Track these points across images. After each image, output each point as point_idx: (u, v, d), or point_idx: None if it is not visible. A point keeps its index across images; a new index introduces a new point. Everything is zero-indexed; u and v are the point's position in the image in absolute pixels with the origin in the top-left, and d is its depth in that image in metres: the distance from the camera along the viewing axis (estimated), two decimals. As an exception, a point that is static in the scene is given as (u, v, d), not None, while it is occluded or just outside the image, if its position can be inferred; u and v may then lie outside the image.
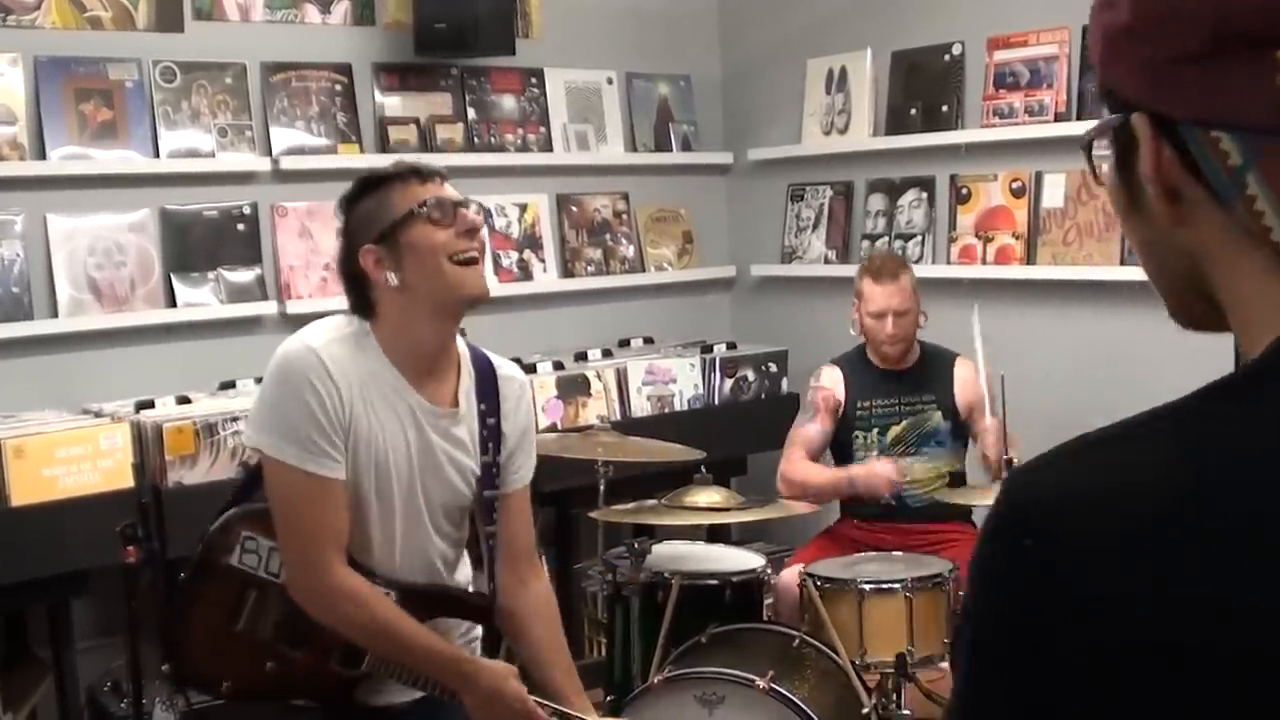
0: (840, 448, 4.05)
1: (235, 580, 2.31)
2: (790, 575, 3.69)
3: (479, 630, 2.47)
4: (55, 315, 3.97)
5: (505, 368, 2.44)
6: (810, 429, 4.02)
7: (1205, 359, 1.22)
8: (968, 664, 0.85)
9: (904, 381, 3.99)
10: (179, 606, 2.35)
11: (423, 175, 2.30)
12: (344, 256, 2.33)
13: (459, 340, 2.39)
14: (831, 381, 4.05)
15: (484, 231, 2.31)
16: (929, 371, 4.00)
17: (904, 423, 3.96)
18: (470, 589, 2.50)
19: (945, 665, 3.76)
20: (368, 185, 2.32)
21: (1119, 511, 0.77)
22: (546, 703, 2.32)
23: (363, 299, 2.30)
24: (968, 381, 3.97)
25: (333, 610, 2.24)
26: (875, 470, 3.84)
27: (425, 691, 2.31)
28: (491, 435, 2.36)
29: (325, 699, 2.34)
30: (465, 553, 2.47)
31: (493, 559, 2.42)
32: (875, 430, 3.99)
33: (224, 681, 2.33)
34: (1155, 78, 0.79)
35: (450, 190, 2.31)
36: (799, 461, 3.97)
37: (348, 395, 2.21)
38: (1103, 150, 0.86)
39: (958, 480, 4.00)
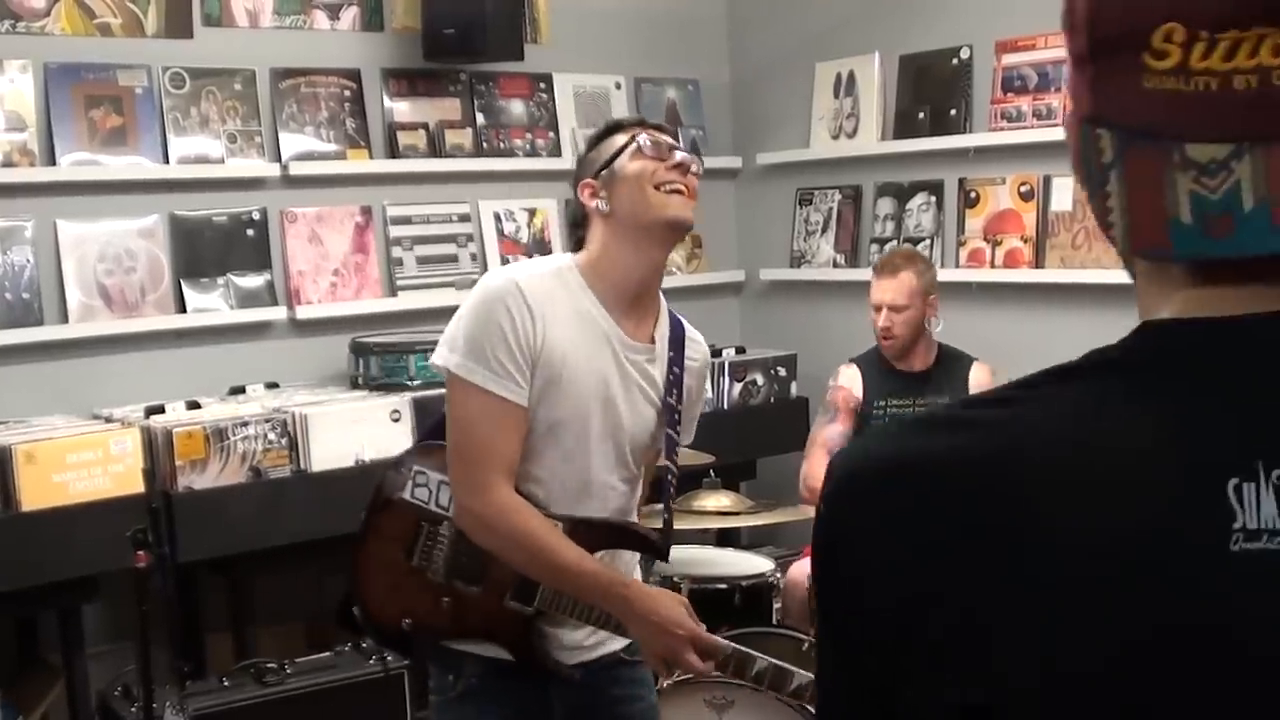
0: None
1: (408, 515, 2.34)
2: (800, 570, 3.68)
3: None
4: (65, 321, 3.99)
5: (694, 333, 2.47)
6: (832, 430, 4.00)
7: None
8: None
9: (920, 383, 3.97)
10: (357, 547, 2.38)
11: (647, 125, 2.38)
12: (573, 204, 2.38)
13: (662, 299, 2.42)
14: (850, 380, 4.03)
15: (696, 181, 2.32)
16: (945, 374, 3.97)
17: None
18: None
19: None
20: (600, 136, 2.39)
21: (891, 489, 0.80)
22: (718, 639, 2.32)
23: (579, 238, 2.36)
24: (983, 386, 3.95)
25: (492, 529, 2.23)
26: None
27: (594, 624, 2.30)
28: (676, 383, 2.39)
29: (505, 639, 2.31)
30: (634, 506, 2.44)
31: (669, 494, 2.41)
32: None
33: (403, 618, 2.35)
34: (1070, 78, 0.85)
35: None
36: (821, 465, 3.95)
37: (541, 326, 2.21)
38: None
39: None
